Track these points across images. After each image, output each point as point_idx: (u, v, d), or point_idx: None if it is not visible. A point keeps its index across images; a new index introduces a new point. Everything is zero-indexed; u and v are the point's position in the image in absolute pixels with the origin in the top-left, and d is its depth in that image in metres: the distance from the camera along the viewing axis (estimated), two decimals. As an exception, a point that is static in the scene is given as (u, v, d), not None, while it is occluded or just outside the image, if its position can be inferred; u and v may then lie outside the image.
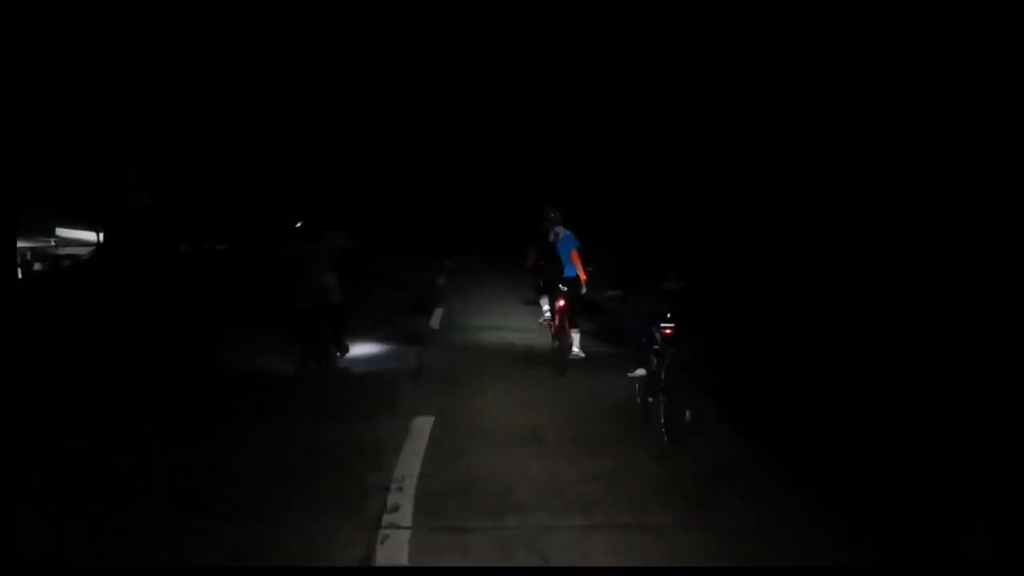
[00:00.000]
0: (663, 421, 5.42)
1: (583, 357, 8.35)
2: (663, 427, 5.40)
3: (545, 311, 8.93)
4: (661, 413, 5.47)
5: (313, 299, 7.07)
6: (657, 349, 5.65)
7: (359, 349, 8.73)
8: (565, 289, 8.22)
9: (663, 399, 5.48)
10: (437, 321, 11.44)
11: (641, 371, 6.01)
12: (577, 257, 8.42)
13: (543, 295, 8.93)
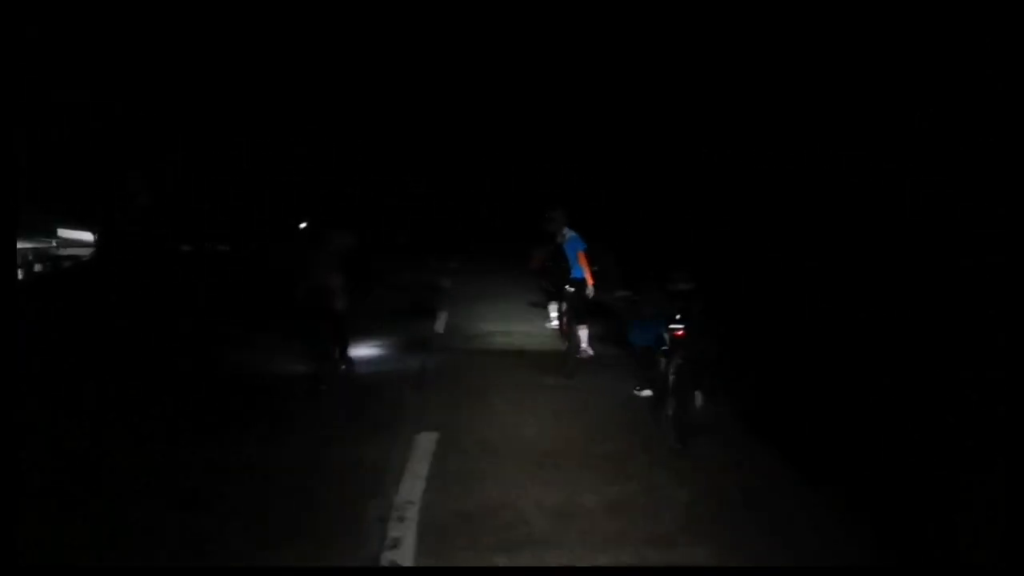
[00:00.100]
0: (673, 423, 5.37)
1: (592, 355, 8.28)
2: (673, 429, 5.35)
3: (553, 316, 8.83)
4: (671, 415, 5.42)
5: (317, 299, 6.99)
6: (667, 350, 5.57)
7: (361, 355, 8.42)
8: (573, 290, 8.15)
9: (673, 400, 5.41)
10: (442, 325, 11.00)
11: (648, 392, 5.99)
12: (584, 258, 8.32)
13: (552, 300, 8.86)
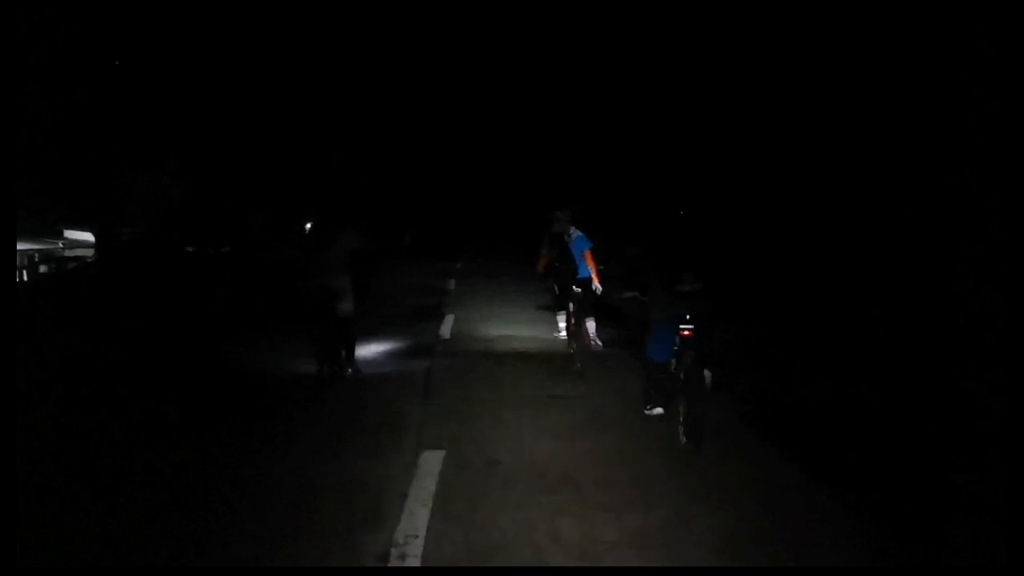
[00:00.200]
0: (683, 422, 5.34)
1: (600, 346, 8.41)
2: (683, 428, 5.32)
3: (562, 327, 8.66)
4: (680, 416, 5.40)
5: (325, 300, 7.00)
6: (676, 350, 5.53)
7: (366, 361, 8.15)
8: (580, 290, 8.14)
9: (683, 401, 5.40)
10: (448, 329, 10.60)
11: (659, 410, 5.87)
12: (591, 258, 8.36)
13: (560, 310, 8.65)
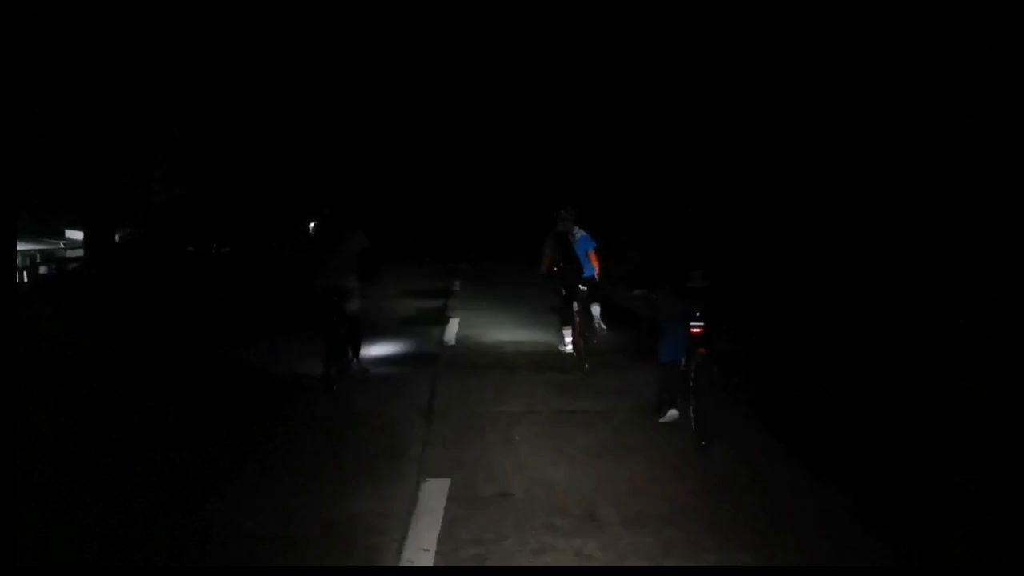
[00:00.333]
0: (694, 421, 5.29)
1: (604, 329, 8.50)
2: (695, 427, 5.27)
3: (568, 341, 8.47)
4: (691, 414, 5.36)
5: (333, 300, 6.97)
6: (686, 348, 5.47)
7: (358, 381, 7.53)
8: (585, 289, 8.14)
9: (693, 400, 5.37)
10: (452, 334, 10.07)
11: (673, 412, 5.68)
12: (595, 257, 8.39)
13: (566, 324, 8.47)
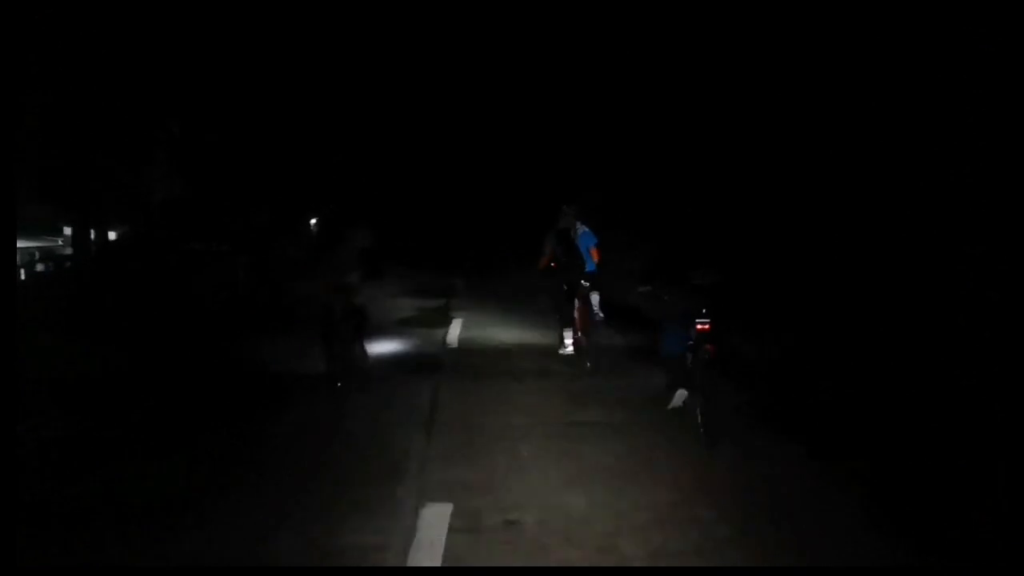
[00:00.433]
0: (700, 420, 5.22)
1: (602, 317, 8.45)
2: (701, 427, 5.21)
3: (568, 343, 8.40)
4: (698, 412, 5.28)
5: (339, 297, 7.00)
6: (692, 345, 5.45)
7: (358, 384, 7.27)
8: (588, 285, 8.08)
9: (700, 397, 5.31)
10: (455, 336, 9.82)
11: (682, 391, 5.65)
12: (596, 252, 8.40)
13: (566, 325, 8.40)
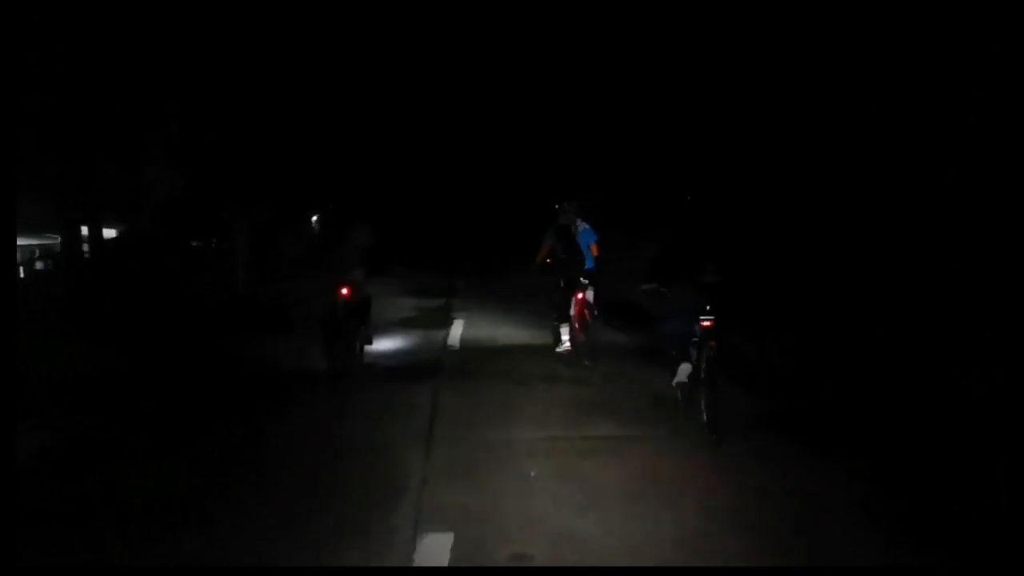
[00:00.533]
0: (706, 415, 5.29)
1: (595, 314, 8.30)
2: (707, 421, 5.26)
3: (566, 340, 8.24)
4: (703, 408, 5.34)
5: (343, 293, 6.96)
6: (696, 342, 5.49)
7: (363, 378, 7.17)
8: (587, 282, 8.03)
9: (705, 393, 5.35)
10: (457, 337, 9.48)
11: (686, 366, 5.69)
12: (596, 249, 8.39)
13: (563, 322, 8.24)
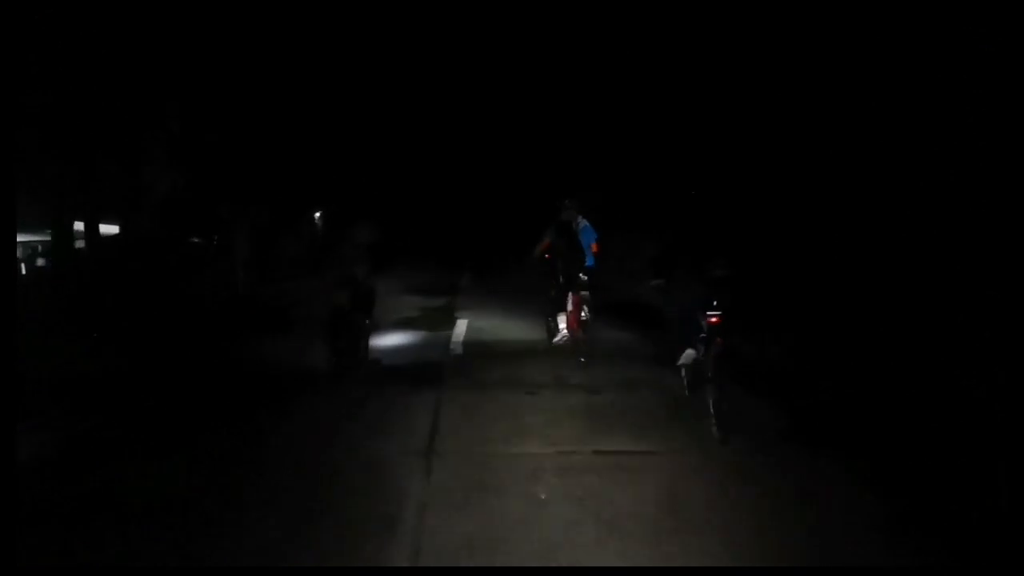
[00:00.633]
0: (713, 411, 5.22)
1: (589, 318, 8.10)
2: (714, 418, 5.20)
3: (563, 328, 8.15)
4: (710, 403, 5.27)
5: (349, 290, 6.98)
6: (704, 337, 5.40)
7: (359, 388, 6.74)
8: (586, 279, 7.95)
9: (712, 389, 5.28)
10: (460, 340, 9.09)
11: (691, 352, 5.65)
12: (597, 248, 8.38)
13: (559, 310, 8.16)
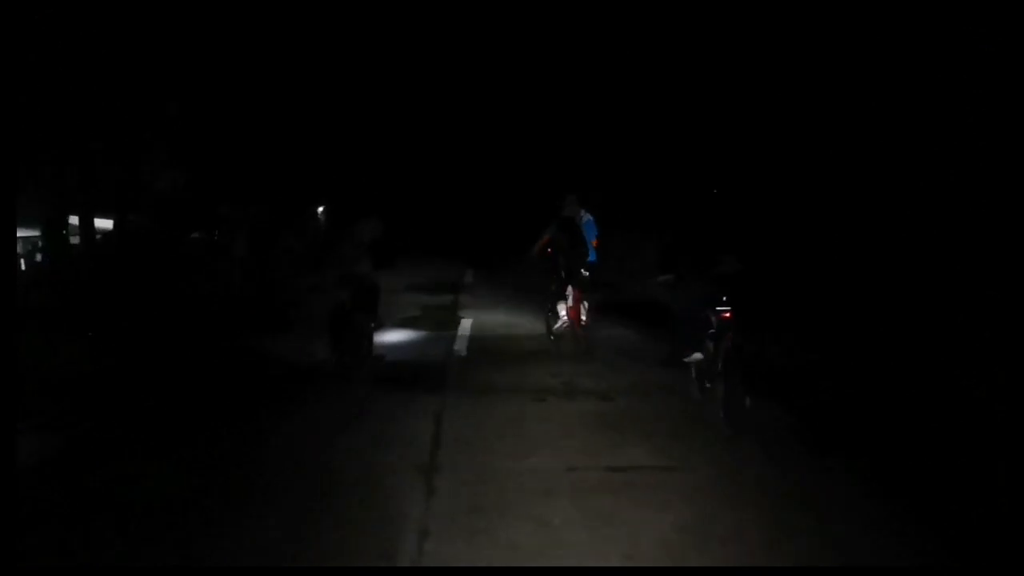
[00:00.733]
0: (724, 408, 5.15)
1: (588, 318, 8.08)
2: (724, 415, 5.14)
3: (563, 315, 8.01)
4: (720, 401, 5.21)
5: (350, 288, 6.96)
6: (713, 334, 5.35)
7: (359, 391, 6.55)
8: (587, 275, 7.89)
9: (722, 386, 5.22)
10: (464, 342, 8.76)
11: (697, 355, 5.61)
12: (597, 244, 8.32)
13: (559, 298, 8.02)
